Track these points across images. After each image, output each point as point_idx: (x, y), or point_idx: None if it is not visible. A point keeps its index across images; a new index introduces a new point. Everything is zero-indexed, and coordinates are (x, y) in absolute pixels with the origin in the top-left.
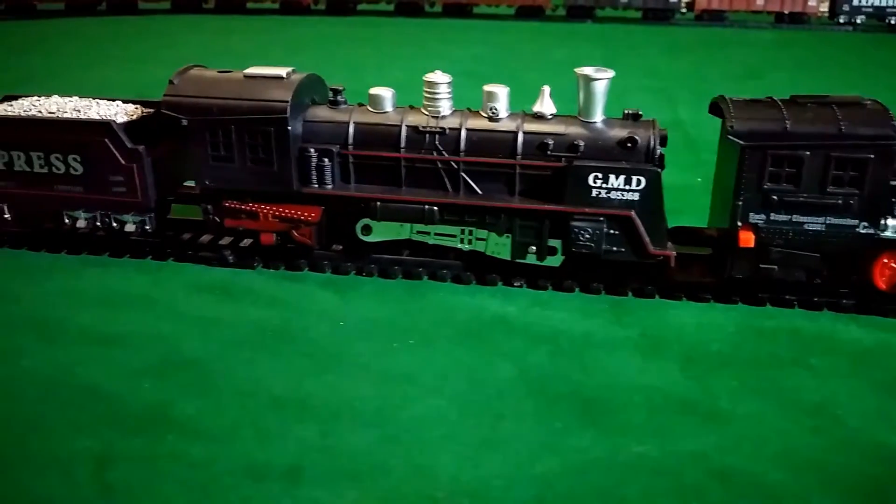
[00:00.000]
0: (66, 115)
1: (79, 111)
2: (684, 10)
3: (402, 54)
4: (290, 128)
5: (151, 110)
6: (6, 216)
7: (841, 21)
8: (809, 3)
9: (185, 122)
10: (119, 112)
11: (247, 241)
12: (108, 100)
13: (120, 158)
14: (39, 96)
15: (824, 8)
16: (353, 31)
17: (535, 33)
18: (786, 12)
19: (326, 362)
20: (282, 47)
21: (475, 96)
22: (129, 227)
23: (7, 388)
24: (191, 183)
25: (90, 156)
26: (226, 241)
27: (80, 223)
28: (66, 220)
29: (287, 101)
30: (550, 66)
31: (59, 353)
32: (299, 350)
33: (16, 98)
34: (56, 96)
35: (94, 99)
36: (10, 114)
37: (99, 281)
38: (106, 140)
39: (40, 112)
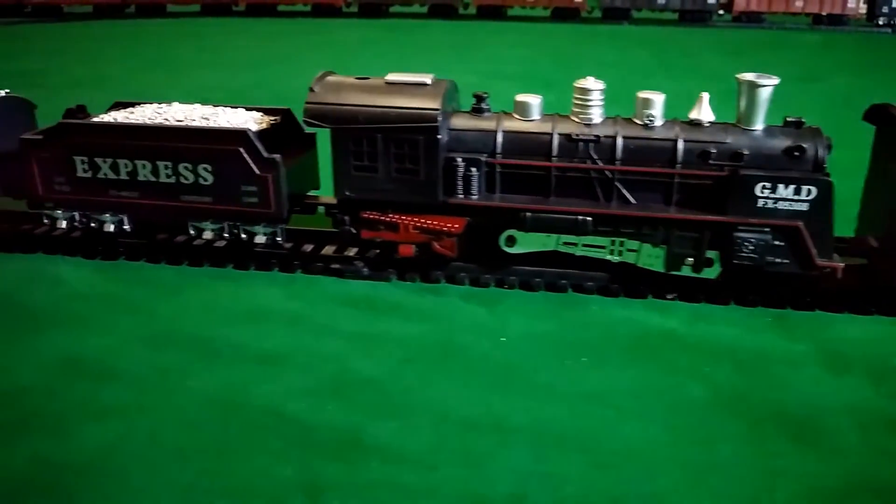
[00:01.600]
0: (195, 124)
1: (207, 119)
2: (721, 12)
3: (446, 57)
4: (439, 136)
5: (277, 118)
6: (125, 227)
7: (880, 23)
8: (849, 5)
9: (309, 131)
10: (248, 120)
11: (372, 252)
12: (232, 107)
13: (254, 168)
14: (160, 103)
15: (863, 9)
16: (390, 34)
17: (574, 35)
18: (824, 14)
19: (504, 381)
20: (325, 51)
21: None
22: (259, 239)
23: (184, 413)
24: (315, 193)
25: (222, 165)
26: (351, 252)
27: (207, 234)
28: (191, 232)
29: (437, 109)
30: (603, 68)
31: (225, 373)
32: (471, 367)
33: (129, 105)
34: (177, 103)
35: (215, 106)
36: (135, 121)
37: (233, 294)
38: (241, 149)
39: (167, 120)
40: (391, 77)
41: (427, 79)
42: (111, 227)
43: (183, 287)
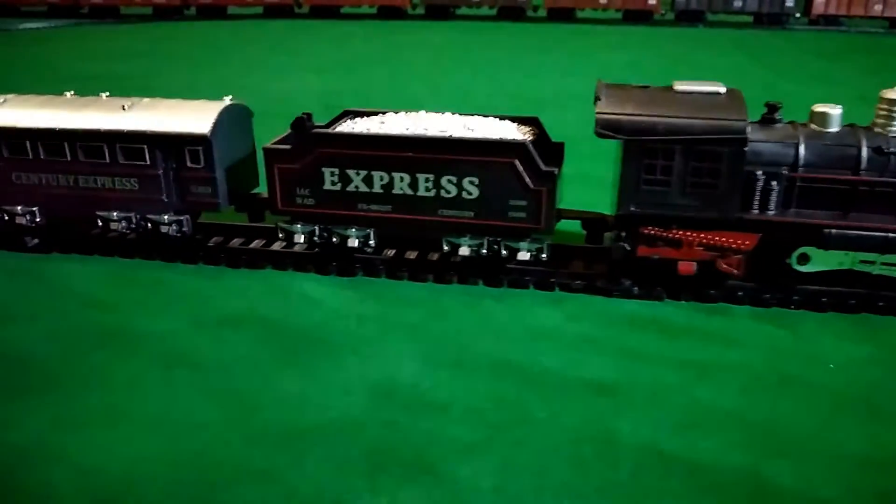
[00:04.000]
0: (460, 135)
1: (471, 129)
2: (798, 15)
3: (541, 61)
4: (746, 149)
5: (534, 128)
6: (371, 242)
7: None
8: None
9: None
10: (510, 130)
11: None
12: (482, 116)
13: (528, 181)
14: (406, 112)
15: None
16: (464, 37)
17: (655, 38)
18: None
19: (870, 413)
20: (414, 53)
21: None
22: (522, 255)
23: (561, 450)
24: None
25: (492, 178)
26: (598, 269)
27: (463, 250)
28: (446, 247)
29: (745, 121)
30: (712, 73)
31: (568, 404)
32: (821, 396)
33: (359, 114)
34: (423, 112)
35: (463, 115)
36: (395, 132)
37: (506, 314)
38: (516, 161)
39: (426, 130)
40: (680, 86)
41: (720, 88)
42: (355, 243)
43: (446, 306)
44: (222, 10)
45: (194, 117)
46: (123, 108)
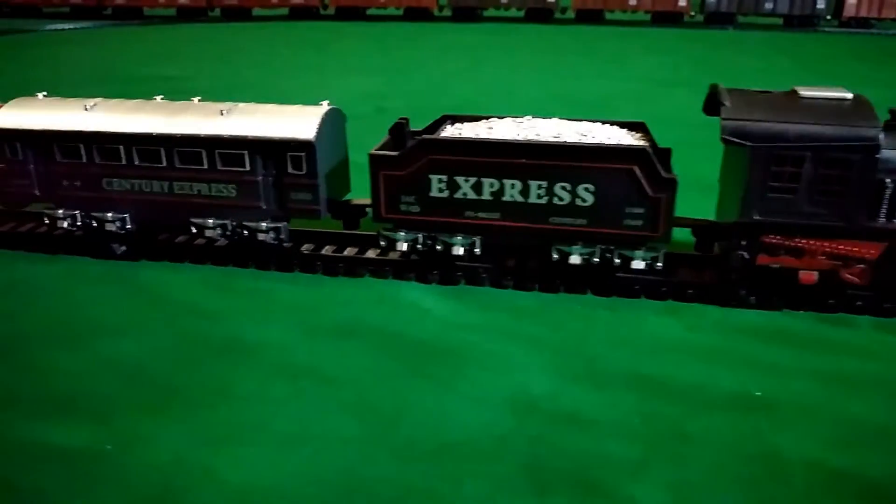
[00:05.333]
0: (576, 141)
1: (584, 135)
2: (829, 17)
3: (584, 64)
4: (878, 157)
5: (642, 133)
6: (476, 250)
7: None
8: None
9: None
10: (624, 136)
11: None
12: (590, 121)
13: (647, 188)
14: (518, 118)
15: None
16: (494, 38)
17: (689, 40)
18: None
19: None
20: (453, 55)
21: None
22: (638, 264)
23: (722, 468)
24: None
25: (610, 185)
26: (709, 277)
27: (574, 259)
28: (555, 256)
29: (878, 128)
30: (755, 76)
31: (718, 420)
32: None
33: (466, 120)
34: (529, 116)
35: (571, 120)
36: (508, 138)
37: (623, 324)
38: (635, 168)
39: (538, 135)
40: (805, 92)
41: (846, 93)
42: (461, 251)
43: (560, 316)
44: (247, 12)
45: (297, 122)
46: (221, 114)
